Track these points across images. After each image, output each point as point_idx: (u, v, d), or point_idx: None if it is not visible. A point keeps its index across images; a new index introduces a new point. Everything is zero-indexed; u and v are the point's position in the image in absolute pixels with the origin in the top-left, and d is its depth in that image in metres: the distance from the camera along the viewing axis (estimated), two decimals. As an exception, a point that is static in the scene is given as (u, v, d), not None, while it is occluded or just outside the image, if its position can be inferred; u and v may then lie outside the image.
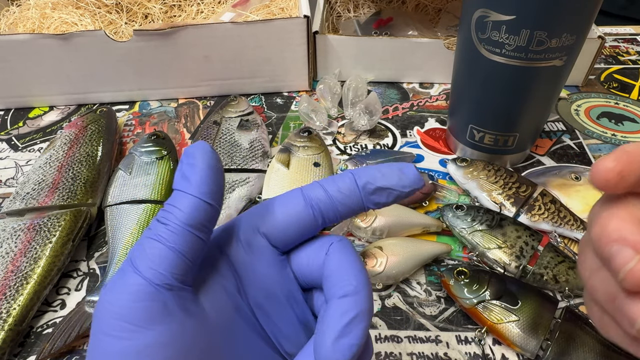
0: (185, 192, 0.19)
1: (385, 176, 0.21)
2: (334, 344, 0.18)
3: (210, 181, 0.19)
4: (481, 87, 0.45)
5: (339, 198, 0.21)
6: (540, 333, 0.34)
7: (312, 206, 0.21)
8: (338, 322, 0.19)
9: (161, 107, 0.63)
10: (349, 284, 0.19)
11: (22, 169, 0.54)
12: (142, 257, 0.19)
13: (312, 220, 0.21)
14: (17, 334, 0.36)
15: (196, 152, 0.20)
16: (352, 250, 0.21)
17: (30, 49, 0.56)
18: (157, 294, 0.18)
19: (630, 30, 0.79)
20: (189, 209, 0.19)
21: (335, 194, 0.21)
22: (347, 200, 0.21)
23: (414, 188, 0.21)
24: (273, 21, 0.56)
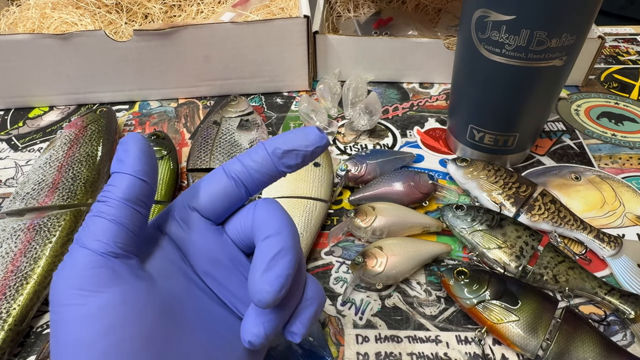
0: (121, 172, 0.21)
1: (290, 140, 0.23)
2: (262, 277, 0.20)
3: (142, 161, 0.22)
4: (481, 87, 0.45)
5: (254, 167, 0.23)
6: (540, 333, 0.34)
7: (232, 177, 0.23)
8: (264, 258, 0.21)
9: (161, 107, 0.63)
10: (271, 227, 0.22)
11: (22, 169, 0.54)
12: (85, 233, 0.20)
13: (234, 189, 0.24)
14: (17, 334, 0.36)
15: (129, 140, 0.22)
16: (274, 203, 0.24)
17: (30, 49, 0.56)
18: (104, 261, 0.20)
19: (630, 30, 0.79)
20: (124, 186, 0.21)
21: (251, 164, 0.23)
22: (261, 167, 0.23)
23: (317, 146, 0.24)
24: (273, 21, 0.56)
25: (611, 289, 0.38)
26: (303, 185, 0.46)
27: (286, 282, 0.21)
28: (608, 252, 0.41)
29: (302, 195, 0.45)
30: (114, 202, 0.21)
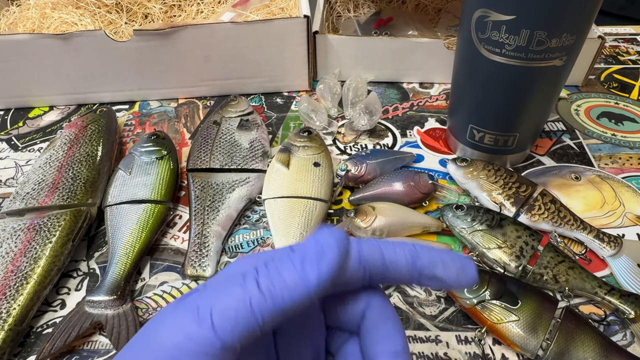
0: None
1: (446, 268, 0.20)
2: None
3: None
4: (481, 87, 0.45)
5: (391, 270, 0.20)
6: (540, 333, 0.34)
7: (364, 268, 0.20)
8: None
9: (161, 107, 0.63)
10: (391, 345, 0.20)
11: (22, 169, 0.54)
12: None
13: (359, 279, 0.20)
14: (17, 334, 0.36)
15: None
16: (391, 307, 0.21)
17: (30, 49, 0.56)
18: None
19: (630, 30, 0.79)
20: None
21: (390, 265, 0.20)
22: (398, 275, 0.20)
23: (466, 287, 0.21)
24: (273, 21, 0.56)
25: (611, 289, 0.38)
26: (303, 185, 0.46)
27: None
28: (608, 252, 0.41)
29: (302, 195, 0.45)
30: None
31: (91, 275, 0.42)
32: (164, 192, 0.46)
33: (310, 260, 0.18)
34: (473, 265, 0.20)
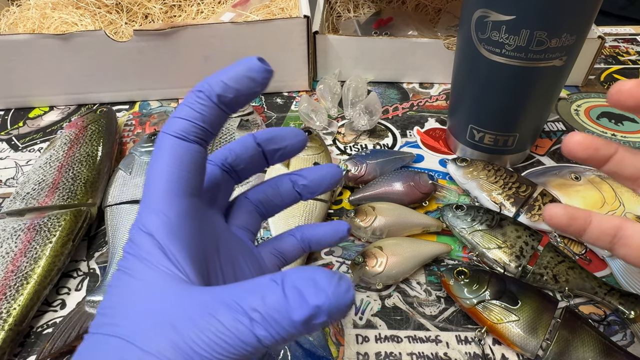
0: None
1: (236, 85, 0.21)
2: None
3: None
4: (481, 87, 0.45)
5: (204, 120, 0.22)
6: (540, 333, 0.34)
7: (193, 141, 0.22)
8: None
9: (161, 107, 0.63)
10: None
11: (22, 169, 0.54)
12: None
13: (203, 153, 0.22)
14: (17, 334, 0.36)
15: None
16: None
17: (30, 49, 0.56)
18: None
19: (630, 30, 0.79)
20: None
21: (198, 118, 0.22)
22: (213, 121, 0.22)
23: (265, 85, 0.22)
24: (273, 21, 0.56)
25: (611, 289, 0.38)
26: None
27: None
28: (608, 252, 0.41)
29: (302, 195, 0.45)
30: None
31: (91, 275, 0.42)
32: (164, 192, 0.46)
33: None
34: (255, 63, 0.21)
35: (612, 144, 0.26)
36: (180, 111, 0.21)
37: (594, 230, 0.26)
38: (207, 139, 0.22)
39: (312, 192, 0.27)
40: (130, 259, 0.20)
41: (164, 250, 0.19)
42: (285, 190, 0.27)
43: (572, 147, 0.26)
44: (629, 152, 0.26)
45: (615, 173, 0.26)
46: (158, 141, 0.21)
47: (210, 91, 0.21)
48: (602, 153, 0.26)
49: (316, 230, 0.28)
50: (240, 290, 0.17)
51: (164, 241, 0.20)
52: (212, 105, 0.21)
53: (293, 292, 0.17)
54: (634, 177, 0.26)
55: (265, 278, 0.18)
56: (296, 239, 0.28)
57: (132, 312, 0.18)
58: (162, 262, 0.19)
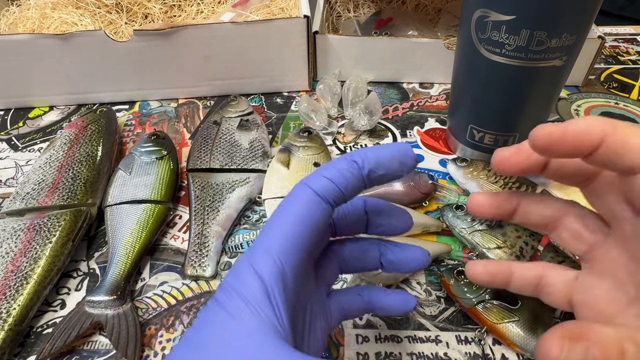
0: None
1: (386, 165, 0.23)
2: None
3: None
4: (481, 87, 0.45)
5: (346, 186, 0.22)
6: (540, 333, 0.34)
7: (329, 202, 0.22)
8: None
9: (161, 107, 0.63)
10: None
11: (22, 169, 0.54)
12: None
13: (329, 213, 0.23)
14: (17, 334, 0.36)
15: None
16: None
17: (30, 49, 0.56)
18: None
19: (630, 30, 0.79)
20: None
21: (342, 182, 0.22)
22: (352, 188, 0.22)
23: (409, 171, 0.23)
24: (273, 21, 0.56)
25: (611, 289, 0.38)
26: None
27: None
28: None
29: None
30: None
31: (91, 275, 0.42)
32: (164, 192, 0.46)
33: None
34: (409, 150, 0.23)
35: (513, 198, 0.26)
36: (329, 172, 0.22)
37: (517, 282, 0.27)
38: (340, 203, 0.22)
39: (394, 269, 0.27)
40: (233, 296, 0.19)
41: (269, 298, 0.19)
42: (370, 257, 0.27)
43: (476, 209, 0.26)
44: (532, 202, 0.26)
45: (524, 223, 0.27)
46: (297, 189, 0.22)
47: (364, 164, 0.22)
48: (504, 209, 0.26)
49: (385, 297, 0.28)
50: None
51: (272, 288, 0.19)
52: (360, 177, 0.22)
53: None
54: (542, 225, 0.26)
55: None
56: (363, 300, 0.28)
57: (223, 354, 0.18)
58: (265, 309, 0.19)
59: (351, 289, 0.28)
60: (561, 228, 0.25)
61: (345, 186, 0.22)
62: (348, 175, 0.22)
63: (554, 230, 0.26)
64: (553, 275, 0.25)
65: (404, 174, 0.23)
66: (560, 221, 0.25)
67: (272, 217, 0.22)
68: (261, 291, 0.19)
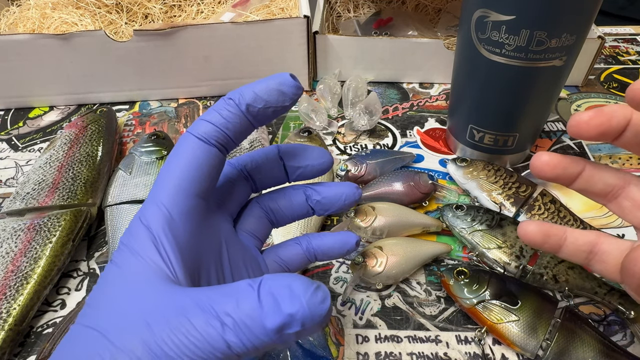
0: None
1: (264, 96, 0.22)
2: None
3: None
4: (481, 87, 0.45)
5: (227, 127, 0.22)
6: (540, 333, 0.34)
7: (213, 145, 0.22)
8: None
9: (161, 107, 0.63)
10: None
11: (22, 169, 0.54)
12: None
13: (219, 157, 0.22)
14: (17, 334, 0.36)
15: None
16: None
17: (30, 49, 0.56)
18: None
19: (630, 30, 0.79)
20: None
21: (222, 123, 0.22)
22: (235, 126, 0.22)
23: (293, 100, 0.22)
24: (273, 21, 0.56)
25: (611, 289, 0.38)
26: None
27: None
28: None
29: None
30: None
31: (91, 275, 0.42)
32: (164, 192, 0.46)
33: None
34: (287, 77, 0.22)
35: (579, 162, 0.26)
36: (208, 114, 0.22)
37: (569, 247, 0.26)
38: (228, 146, 0.22)
39: (325, 210, 0.27)
40: (122, 250, 0.20)
41: (157, 245, 0.19)
42: (297, 203, 0.27)
43: (540, 167, 0.26)
44: (596, 168, 0.26)
45: (585, 190, 0.26)
46: (180, 139, 0.22)
47: (240, 100, 0.21)
48: (570, 171, 0.26)
49: (323, 240, 0.28)
50: (217, 294, 0.17)
51: (160, 236, 0.20)
52: (240, 113, 0.21)
53: (268, 298, 0.16)
54: (604, 193, 0.26)
55: (243, 282, 0.17)
56: (302, 248, 0.27)
57: (112, 306, 0.18)
58: (152, 256, 0.19)
59: (290, 241, 0.28)
60: (622, 197, 0.25)
61: (226, 126, 0.21)
62: (226, 113, 0.21)
63: (615, 200, 0.26)
64: (608, 243, 0.25)
65: (288, 105, 0.22)
66: (623, 190, 0.25)
67: (161, 168, 0.22)
68: (147, 239, 0.19)
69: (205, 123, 0.21)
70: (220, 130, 0.21)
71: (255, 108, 0.22)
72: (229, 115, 0.21)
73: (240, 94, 0.22)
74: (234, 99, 0.21)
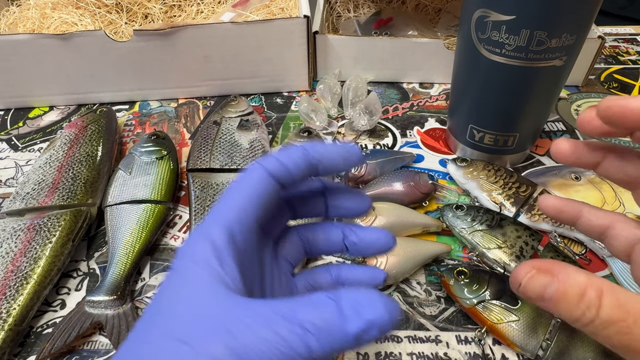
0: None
1: (333, 165, 0.24)
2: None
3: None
4: (481, 87, 0.45)
5: (294, 172, 0.24)
6: (540, 333, 0.34)
7: (277, 181, 0.23)
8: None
9: (161, 107, 0.63)
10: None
11: (22, 169, 0.54)
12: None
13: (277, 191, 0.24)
14: (17, 334, 0.36)
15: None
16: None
17: (30, 49, 0.56)
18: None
19: (630, 30, 0.79)
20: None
21: (292, 168, 0.23)
22: (299, 175, 0.24)
23: (352, 168, 0.25)
24: (273, 21, 0.56)
25: (611, 289, 0.38)
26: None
27: None
28: (608, 252, 0.41)
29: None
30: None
31: (91, 275, 0.42)
32: (164, 192, 0.46)
33: None
34: (357, 151, 0.25)
35: (604, 149, 0.26)
36: (281, 156, 0.23)
37: (583, 225, 0.27)
38: (288, 186, 0.24)
39: (359, 252, 0.28)
40: (185, 260, 0.20)
41: (219, 259, 0.20)
42: (333, 240, 0.28)
43: (561, 154, 0.27)
44: (620, 155, 0.26)
45: (608, 177, 0.27)
46: (250, 168, 0.23)
47: (313, 154, 0.24)
48: (589, 160, 0.26)
49: (353, 273, 0.29)
50: (297, 304, 0.18)
51: (222, 251, 0.20)
52: (307, 162, 0.23)
53: (349, 307, 0.18)
54: (627, 181, 0.26)
55: (321, 294, 0.19)
56: (331, 276, 0.29)
57: (186, 313, 0.19)
58: (216, 268, 0.20)
59: (320, 267, 0.29)
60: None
61: (295, 170, 0.23)
62: (297, 159, 0.23)
63: (638, 188, 0.26)
64: (621, 228, 0.26)
65: (342, 170, 0.25)
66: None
67: (226, 191, 0.23)
68: (211, 253, 0.20)
69: (277, 161, 0.23)
70: (288, 172, 0.23)
71: (321, 164, 0.24)
72: (298, 163, 0.23)
73: (314, 147, 0.24)
74: (308, 149, 0.24)
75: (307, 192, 0.28)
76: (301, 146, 0.24)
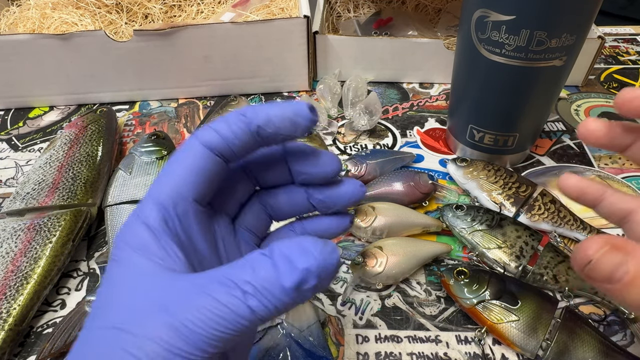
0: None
1: (276, 122, 0.21)
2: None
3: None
4: (481, 87, 0.45)
5: (234, 141, 0.21)
6: (540, 333, 0.34)
7: (215, 154, 0.22)
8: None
9: (161, 107, 0.63)
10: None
11: (22, 169, 0.54)
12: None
13: (220, 165, 0.22)
14: (17, 334, 0.36)
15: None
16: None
17: (30, 49, 0.56)
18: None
19: (630, 30, 0.79)
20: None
21: (230, 137, 0.21)
22: (241, 143, 0.22)
23: (305, 132, 0.22)
24: (273, 21, 0.56)
25: (611, 289, 0.38)
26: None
27: None
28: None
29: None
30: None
31: (91, 275, 0.42)
32: (164, 192, 0.46)
33: None
34: (304, 108, 0.21)
35: (634, 133, 0.25)
36: (217, 124, 0.21)
37: (605, 208, 0.26)
38: (232, 159, 0.22)
39: (328, 208, 0.26)
40: (123, 248, 0.20)
41: (156, 240, 0.19)
42: (298, 202, 0.26)
43: (590, 135, 0.25)
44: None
45: (637, 161, 0.25)
46: (186, 143, 0.22)
47: (253, 119, 0.21)
48: (620, 142, 0.25)
49: (318, 223, 0.27)
50: (232, 268, 0.18)
51: (160, 232, 0.20)
52: (249, 132, 0.21)
53: (282, 260, 0.17)
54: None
55: (254, 253, 0.18)
56: (296, 234, 0.27)
57: (124, 301, 0.18)
58: (155, 251, 0.19)
59: (284, 227, 0.28)
60: None
61: (233, 141, 0.21)
62: (235, 128, 0.21)
63: None
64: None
65: (298, 136, 0.22)
66: None
67: (164, 166, 0.22)
68: (147, 234, 0.20)
69: (213, 133, 0.21)
70: (226, 144, 0.21)
71: (266, 132, 0.21)
72: (237, 132, 0.21)
73: (255, 112, 0.21)
74: (247, 116, 0.21)
75: (265, 158, 0.25)
76: (240, 111, 0.21)
